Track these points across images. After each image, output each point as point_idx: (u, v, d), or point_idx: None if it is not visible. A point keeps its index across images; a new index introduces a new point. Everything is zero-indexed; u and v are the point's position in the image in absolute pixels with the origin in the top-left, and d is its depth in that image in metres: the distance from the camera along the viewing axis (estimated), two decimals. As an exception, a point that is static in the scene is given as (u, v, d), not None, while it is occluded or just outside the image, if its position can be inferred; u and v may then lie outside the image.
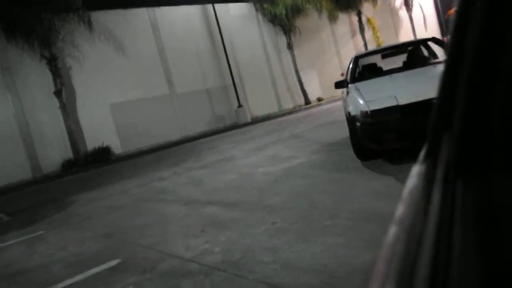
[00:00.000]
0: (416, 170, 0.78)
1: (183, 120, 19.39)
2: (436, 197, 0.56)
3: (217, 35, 20.47)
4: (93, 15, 16.19)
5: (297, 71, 23.04)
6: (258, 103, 22.00)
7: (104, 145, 16.10)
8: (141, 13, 18.81)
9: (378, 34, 25.70)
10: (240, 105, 20.37)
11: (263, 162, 7.43)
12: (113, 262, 3.71)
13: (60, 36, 15.51)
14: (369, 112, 4.97)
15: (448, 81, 0.63)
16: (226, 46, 20.43)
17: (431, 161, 0.69)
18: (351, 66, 6.90)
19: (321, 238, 3.10)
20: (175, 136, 18.56)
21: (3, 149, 14.70)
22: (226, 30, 20.73)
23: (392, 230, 0.63)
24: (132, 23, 18.30)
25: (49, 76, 15.36)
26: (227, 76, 20.65)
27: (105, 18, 17.18)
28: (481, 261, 0.40)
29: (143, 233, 4.49)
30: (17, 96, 15.38)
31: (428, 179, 0.66)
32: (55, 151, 15.70)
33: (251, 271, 2.79)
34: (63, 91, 15.64)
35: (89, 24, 15.85)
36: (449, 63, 0.64)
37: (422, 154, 0.81)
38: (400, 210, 0.67)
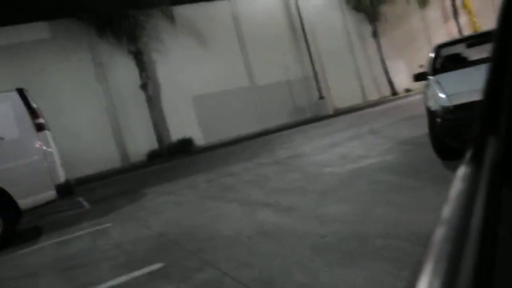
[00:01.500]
0: (461, 172, 0.77)
1: (263, 112, 19.29)
2: (481, 200, 0.55)
3: (298, 24, 19.97)
4: (176, 9, 16.66)
5: (383, 61, 21.77)
6: (340, 94, 21.17)
7: (187, 137, 16.58)
8: (222, 5, 18.97)
9: (475, 19, 23.28)
10: (321, 97, 19.77)
11: (332, 161, 6.99)
12: (156, 266, 3.61)
13: (146, 32, 16.16)
14: (451, 107, 4.56)
15: (493, 82, 0.62)
16: (308, 35, 19.86)
17: (477, 163, 0.69)
18: (431, 56, 6.19)
19: (369, 262, 2.68)
20: (255, 128, 18.56)
21: (95, 139, 15.80)
22: (307, 19, 20.13)
23: (440, 230, 0.61)
24: (213, 15, 18.53)
25: (135, 70, 16.13)
26: (308, 67, 20.12)
27: (187, 11, 17.59)
28: None
29: (193, 236, 4.37)
30: (108, 90, 16.39)
31: (473, 182, 0.65)
32: (142, 142, 16.50)
33: (282, 296, 2.49)
34: (149, 84, 16.36)
35: (172, 18, 16.33)
36: (494, 63, 0.62)
37: (467, 155, 0.79)
38: (446, 210, 0.65)
